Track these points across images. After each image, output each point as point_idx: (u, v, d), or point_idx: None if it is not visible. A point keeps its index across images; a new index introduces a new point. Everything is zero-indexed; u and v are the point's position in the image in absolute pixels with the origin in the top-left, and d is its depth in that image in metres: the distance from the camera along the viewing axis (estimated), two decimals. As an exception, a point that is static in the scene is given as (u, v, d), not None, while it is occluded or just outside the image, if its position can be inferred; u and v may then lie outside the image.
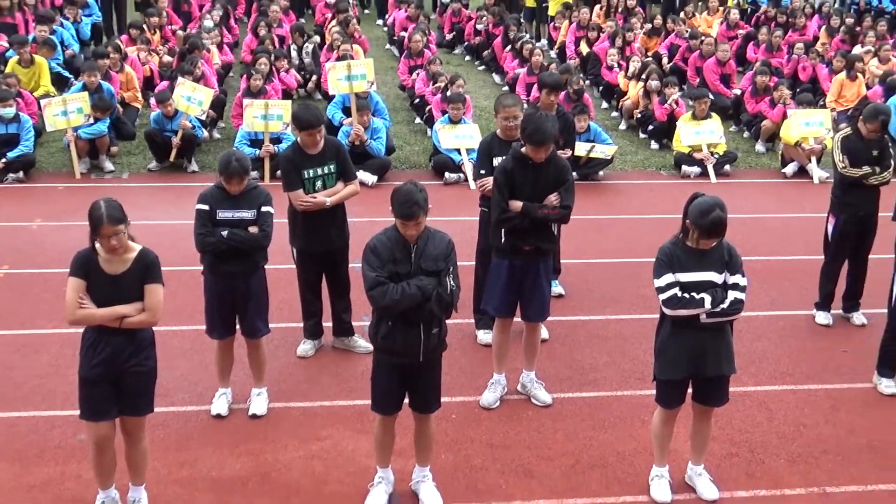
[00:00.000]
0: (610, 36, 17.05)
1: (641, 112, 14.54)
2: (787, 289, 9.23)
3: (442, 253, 5.66)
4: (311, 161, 7.36)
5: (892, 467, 6.63)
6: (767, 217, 11.35)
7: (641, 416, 6.72)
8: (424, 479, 6.08)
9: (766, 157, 13.88)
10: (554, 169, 6.86)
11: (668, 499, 6.12)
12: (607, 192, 11.98)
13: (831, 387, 7.69)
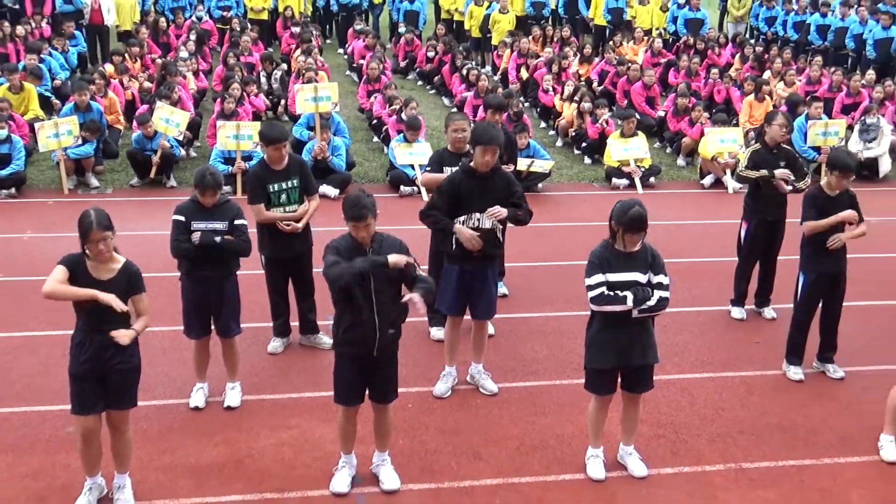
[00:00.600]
0: (546, 63, 17.13)
1: (575, 131, 14.66)
2: (706, 287, 9.35)
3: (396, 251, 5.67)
4: (276, 176, 7.35)
5: (800, 445, 6.76)
6: (688, 223, 11.49)
7: (578, 402, 6.74)
8: (384, 463, 6.10)
9: (686, 171, 14.05)
10: (500, 181, 6.88)
11: (603, 476, 6.19)
12: (546, 202, 12.05)
13: (745, 374, 7.81)
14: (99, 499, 5.80)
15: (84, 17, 19.34)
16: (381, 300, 5.63)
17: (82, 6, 19.23)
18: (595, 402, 6.19)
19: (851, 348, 7.88)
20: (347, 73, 19.92)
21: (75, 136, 12.20)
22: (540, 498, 6.06)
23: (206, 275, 6.76)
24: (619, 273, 5.81)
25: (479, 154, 6.70)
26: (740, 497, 6.13)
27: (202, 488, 6.04)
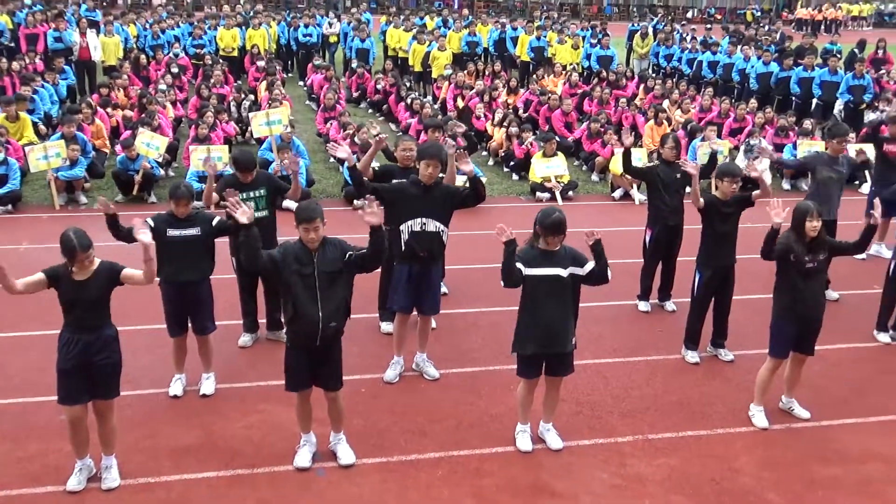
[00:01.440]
0: (479, 93, 17.19)
1: (504, 151, 14.74)
2: (617, 285, 9.30)
3: (339, 255, 5.72)
4: (244, 187, 7.35)
5: (697, 418, 6.90)
6: (601, 230, 11.58)
7: (509, 385, 6.81)
8: (339, 442, 6.12)
9: (599, 185, 14.20)
10: (439, 192, 6.96)
11: (530, 447, 6.27)
12: (479, 212, 12.06)
13: (650, 358, 7.94)
14: (88, 478, 5.73)
15: (73, 54, 19.05)
16: (325, 296, 5.62)
17: (72, 44, 18.97)
18: (523, 385, 6.25)
19: (739, 335, 8.07)
20: (307, 103, 19.84)
21: (63, 158, 12.00)
22: (477, 468, 6.09)
23: (183, 280, 6.68)
24: (539, 268, 5.90)
25: (423, 167, 6.82)
26: (647, 463, 6.23)
27: (180, 467, 5.98)
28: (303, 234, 5.61)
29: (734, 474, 6.14)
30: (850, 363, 7.90)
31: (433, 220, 6.91)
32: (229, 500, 5.68)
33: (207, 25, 22.86)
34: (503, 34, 23.49)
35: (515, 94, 18.07)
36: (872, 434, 6.76)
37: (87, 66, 19.43)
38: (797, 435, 6.71)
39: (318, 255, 5.64)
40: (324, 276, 5.62)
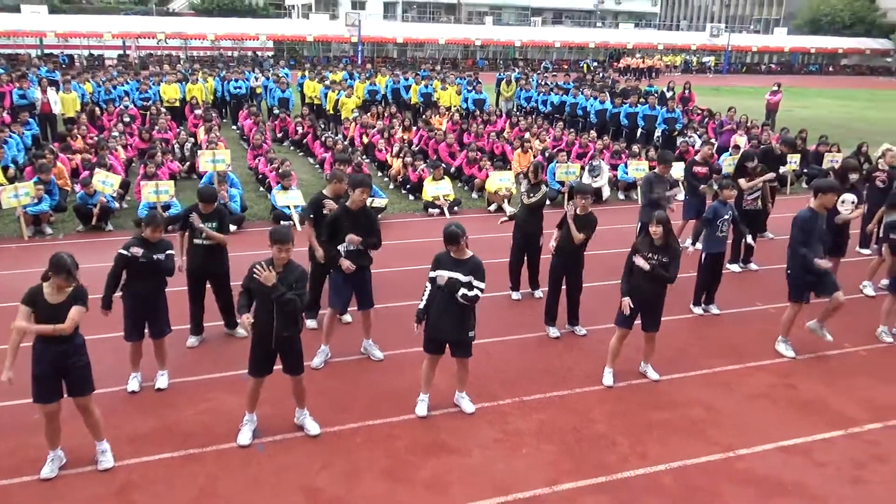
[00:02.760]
0: (380, 131, 17.10)
1: (402, 177, 14.63)
2: (495, 279, 9.43)
3: (296, 278, 5.58)
4: (203, 217, 7.19)
5: (559, 381, 6.96)
6: (481, 237, 11.64)
7: (417, 364, 6.65)
8: (305, 417, 6.00)
9: (478, 201, 14.24)
10: (365, 218, 6.92)
11: (425, 413, 6.25)
12: (385, 227, 11.97)
13: (522, 336, 7.98)
14: (60, 466, 5.40)
15: (36, 109, 18.04)
16: (280, 311, 5.51)
17: (34, 100, 17.95)
18: (427, 361, 6.22)
19: (591, 314, 8.17)
20: (240, 143, 19.25)
21: (31, 197, 11.30)
22: (388, 433, 6.00)
23: (140, 292, 6.39)
24: (448, 271, 5.89)
25: (359, 194, 6.75)
26: (523, 419, 6.26)
27: (140, 451, 5.68)
28: (276, 252, 5.52)
29: (590, 423, 6.23)
30: (674, 331, 8.07)
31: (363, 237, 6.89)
32: (183, 476, 5.42)
33: (152, 81, 22.22)
34: (397, 84, 23.51)
35: (409, 131, 18.00)
36: (694, 385, 6.96)
37: (49, 119, 18.40)
38: (637, 389, 6.86)
39: (281, 276, 5.51)
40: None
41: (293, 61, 49.89)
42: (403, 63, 52.26)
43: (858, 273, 9.74)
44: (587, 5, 73.35)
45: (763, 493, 5.36)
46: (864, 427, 6.27)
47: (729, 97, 33.59)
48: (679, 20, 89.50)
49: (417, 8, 67.68)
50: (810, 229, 7.25)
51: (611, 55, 61.18)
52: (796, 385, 7.01)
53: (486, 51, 61.18)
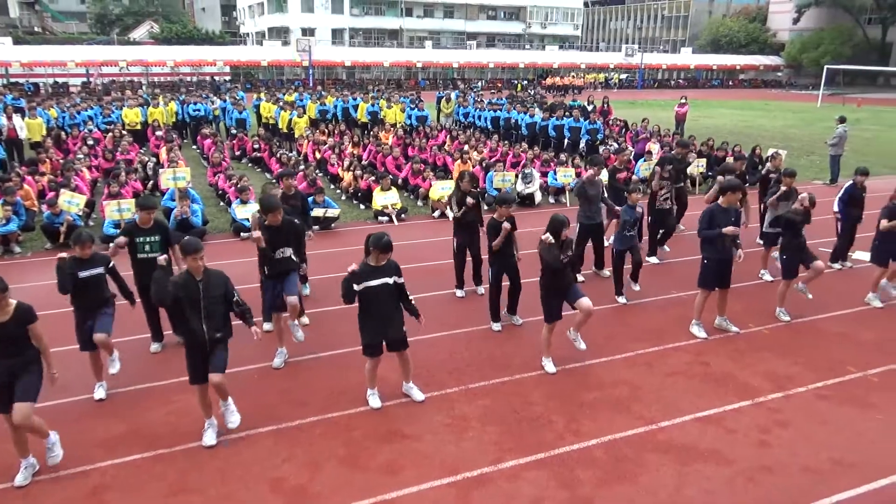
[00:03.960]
0: (331, 147, 16.93)
1: (352, 189, 14.51)
2: (437, 279, 9.48)
3: (221, 284, 5.44)
4: (143, 232, 6.92)
5: (501, 369, 6.96)
6: (426, 241, 11.67)
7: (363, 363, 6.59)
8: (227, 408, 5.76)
9: (423, 208, 14.21)
10: (288, 228, 6.81)
11: (379, 405, 6.18)
12: (338, 236, 11.89)
13: (468, 329, 7.98)
14: (34, 474, 5.17)
15: (2, 134, 17.27)
16: (208, 314, 5.36)
17: (1, 126, 17.18)
18: (369, 362, 6.15)
19: (529, 307, 8.18)
20: (200, 161, 18.79)
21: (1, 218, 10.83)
22: (347, 424, 5.92)
23: (87, 308, 6.13)
24: (374, 280, 5.84)
25: (271, 217, 6.69)
26: (469, 405, 6.25)
27: (111, 453, 5.48)
28: (191, 263, 5.33)
29: (529, 406, 6.26)
30: (599, 319, 8.16)
31: (287, 247, 6.79)
32: (153, 475, 5.25)
33: (115, 106, 21.58)
34: (347, 103, 23.32)
35: (358, 146, 17.87)
36: (620, 367, 7.07)
37: (15, 144, 17.62)
38: (570, 373, 6.93)
39: (203, 283, 5.36)
40: (208, 300, 5.38)
41: (249, 85, 49.03)
42: (352, 84, 51.91)
43: (759, 262, 10.08)
44: (517, 30, 74.19)
45: (682, 459, 5.48)
46: (767, 397, 6.48)
47: (643, 109, 34.40)
48: (598, 42, 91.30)
49: (363, 34, 67.29)
50: (720, 222, 7.46)
51: (539, 74, 61.97)
52: (709, 362, 7.20)
53: (427, 72, 61.24)
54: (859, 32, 61.22)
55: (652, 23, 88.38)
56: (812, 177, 17.68)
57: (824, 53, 58.14)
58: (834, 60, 53.81)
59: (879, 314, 8.61)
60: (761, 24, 71.73)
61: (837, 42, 59.45)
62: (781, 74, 69.00)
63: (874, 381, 6.81)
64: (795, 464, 5.43)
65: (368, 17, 67.12)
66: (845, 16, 61.07)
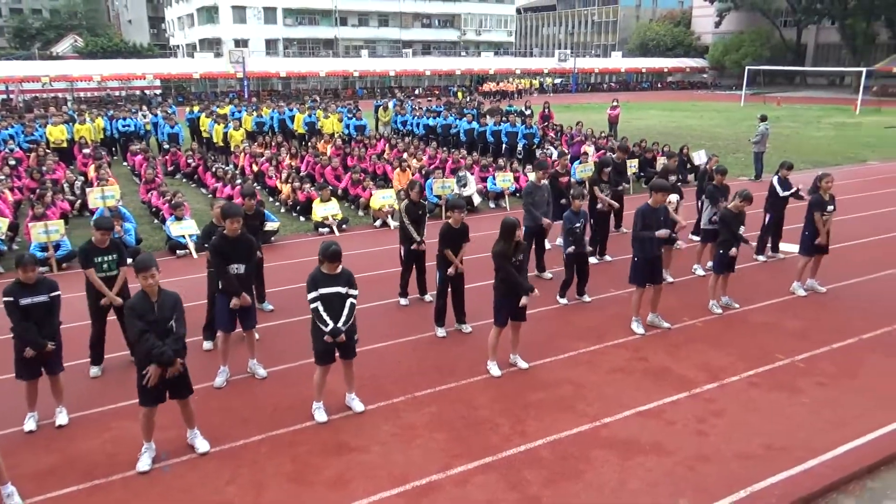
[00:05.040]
0: (268, 159, 16.69)
1: (291, 201, 14.33)
2: (381, 289, 9.45)
3: (173, 304, 5.28)
4: (100, 252, 6.78)
5: (447, 375, 6.99)
6: (369, 251, 11.63)
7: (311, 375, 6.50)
8: (196, 436, 5.66)
9: (364, 218, 14.14)
10: (245, 241, 6.69)
11: (325, 419, 6.11)
12: (279, 249, 11.71)
13: (413, 337, 7.97)
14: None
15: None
16: (162, 338, 5.22)
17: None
18: (319, 370, 6.09)
19: (473, 312, 8.23)
20: (132, 178, 18.22)
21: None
22: (292, 441, 5.83)
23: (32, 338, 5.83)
24: (327, 288, 5.80)
25: (229, 223, 6.51)
26: (415, 413, 6.24)
27: (44, 487, 5.24)
28: (143, 281, 5.19)
29: (476, 410, 6.30)
30: (542, 320, 8.34)
31: (242, 263, 6.66)
32: (90, 506, 5.06)
33: (38, 124, 20.67)
34: (283, 115, 23.02)
35: (296, 158, 17.67)
36: (563, 366, 7.19)
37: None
38: (515, 375, 7.01)
39: (158, 303, 5.22)
40: (163, 321, 5.24)
41: (181, 98, 47.81)
42: (288, 95, 51.26)
43: (693, 257, 10.44)
44: (452, 37, 74.77)
45: (625, 454, 5.62)
46: (703, 388, 6.71)
47: (577, 113, 35.17)
48: (532, 48, 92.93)
49: (298, 44, 66.57)
50: (650, 221, 7.71)
51: (475, 80, 62.59)
52: (647, 357, 7.41)
53: (364, 81, 60.99)
54: (776, 35, 64.24)
55: (583, 28, 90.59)
56: (738, 173, 18.41)
57: (745, 55, 60.78)
58: (754, 62, 56.31)
59: (803, 303, 9.04)
60: (686, 28, 74.47)
61: (757, 44, 62.26)
62: (706, 76, 71.72)
63: (800, 367, 7.14)
64: (730, 450, 5.64)
65: (302, 27, 66.45)
66: (763, 19, 63.98)
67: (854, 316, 8.51)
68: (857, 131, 30.04)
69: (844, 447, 5.64)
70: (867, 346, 7.67)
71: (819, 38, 64.93)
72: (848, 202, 13.27)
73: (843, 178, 17.90)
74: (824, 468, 5.38)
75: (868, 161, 21.87)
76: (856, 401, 6.42)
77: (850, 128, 31.42)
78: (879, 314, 8.53)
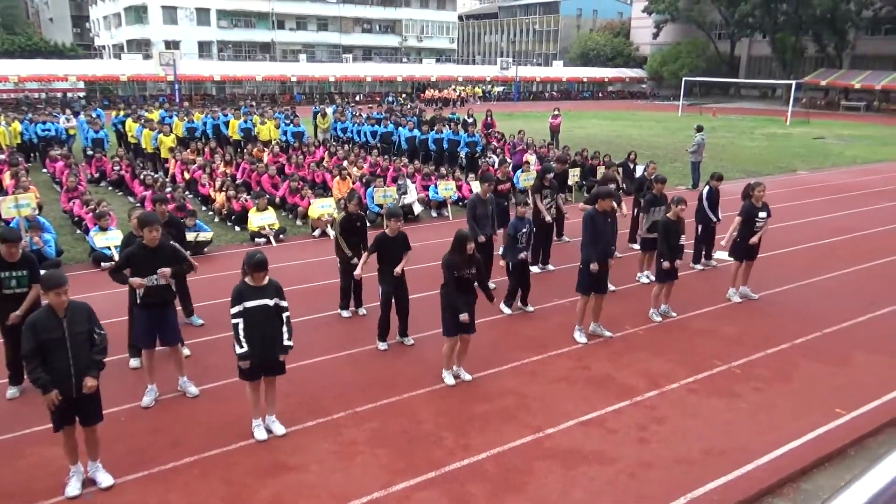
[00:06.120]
0: (201, 167, 16.29)
1: (226, 210, 14.02)
2: (320, 301, 9.33)
3: (86, 317, 5.07)
4: (9, 266, 6.40)
5: (389, 389, 6.92)
6: (306, 262, 11.48)
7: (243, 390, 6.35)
8: (98, 469, 5.37)
9: (303, 227, 13.96)
10: (166, 251, 6.54)
11: (265, 437, 5.96)
12: (211, 260, 11.41)
13: (353, 351, 7.89)
14: None
15: None
16: (76, 353, 4.98)
17: None
18: (249, 386, 5.95)
19: (415, 323, 8.20)
20: (52, 186, 17.47)
21: None
22: (226, 461, 5.67)
23: None
24: (253, 301, 5.69)
25: (147, 233, 6.36)
26: (356, 429, 6.17)
27: (-50, 521, 4.93)
28: (54, 298, 4.93)
29: (419, 424, 6.27)
30: (487, 330, 8.33)
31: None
32: (3, 539, 4.79)
33: (-55, 129, 19.54)
34: (217, 120, 22.54)
35: (230, 165, 17.30)
36: (506, 377, 7.25)
37: None
38: (458, 387, 7.01)
39: (67, 319, 4.97)
40: (74, 337, 4.98)
41: (107, 101, 46.20)
42: (222, 100, 50.23)
43: (636, 266, 10.72)
44: (393, 43, 74.89)
45: (568, 463, 5.69)
46: (644, 395, 6.88)
47: (520, 121, 35.72)
48: (474, 55, 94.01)
49: (233, 47, 65.35)
50: (598, 227, 7.87)
51: (416, 87, 62.80)
52: (590, 366, 7.55)
53: (303, 86, 60.39)
54: (711, 47, 66.91)
55: (525, 36, 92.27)
56: (676, 182, 19.04)
57: (682, 66, 63.05)
58: (691, 73, 58.49)
59: (739, 309, 9.40)
60: (625, 39, 76.76)
61: (693, 56, 64.68)
62: (645, 86, 74.04)
63: (737, 373, 7.41)
64: (671, 457, 5.79)
65: (237, 30, 65.33)
66: (699, 31, 66.55)
67: (786, 321, 8.90)
68: (788, 142, 31.54)
69: (779, 450, 5.87)
70: (799, 350, 8.03)
71: (751, 51, 67.98)
72: (779, 211, 13.89)
73: (775, 188, 18.76)
74: (760, 472, 5.58)
75: (798, 171, 22.99)
76: (790, 404, 6.71)
77: (780, 138, 32.97)
78: (810, 320, 8.95)
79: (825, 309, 9.40)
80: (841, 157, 26.37)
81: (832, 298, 9.86)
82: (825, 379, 7.30)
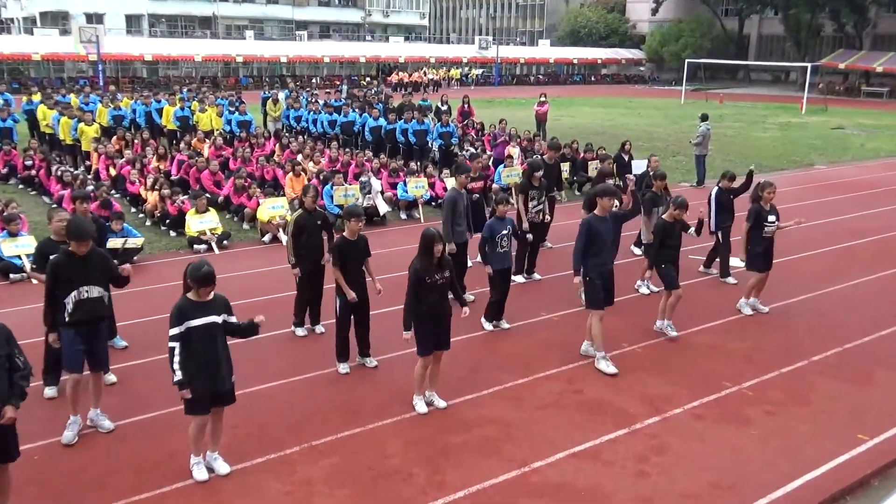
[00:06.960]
0: (130, 161, 16.14)
1: (160, 212, 13.90)
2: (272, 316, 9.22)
3: (6, 337, 5.03)
4: None
5: (352, 418, 6.90)
6: (256, 271, 11.42)
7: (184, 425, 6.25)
8: None
9: (250, 232, 13.88)
10: (97, 258, 6.48)
11: (206, 477, 5.92)
12: (142, 270, 11.28)
13: (310, 375, 7.89)
14: None
15: None
16: None
17: None
18: (195, 421, 5.89)
19: (380, 342, 8.19)
20: (-49, 184, 17.18)
21: None
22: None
23: None
24: (198, 319, 5.65)
25: (76, 245, 6.27)
26: (313, 466, 6.14)
27: None
28: None
29: (386, 459, 6.26)
30: (464, 349, 8.37)
31: (95, 286, 6.39)
32: None
33: None
34: (149, 107, 22.35)
35: (165, 159, 17.15)
36: (487, 403, 7.27)
37: None
38: (431, 415, 7.00)
39: None
40: None
41: (16, 84, 45.46)
42: (155, 83, 49.78)
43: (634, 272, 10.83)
44: (355, 18, 74.89)
45: (558, 501, 5.74)
46: (643, 422, 6.96)
47: (501, 109, 35.98)
48: (449, 33, 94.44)
49: (167, 21, 64.83)
50: (597, 233, 7.90)
51: (382, 69, 62.88)
52: (582, 389, 7.62)
53: (250, 67, 60.10)
54: (717, 25, 68.14)
55: (506, 12, 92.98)
56: (679, 179, 19.32)
57: (685, 46, 64.10)
58: (694, 54, 59.51)
59: (749, 322, 9.57)
60: (620, 15, 77.78)
61: (697, 34, 65.81)
62: (644, 69, 75.08)
63: (748, 395, 7.54)
64: (674, 492, 5.87)
65: (172, 2, 64.78)
66: (703, 7, 67.75)
67: (802, 336, 9.08)
68: (803, 132, 32.22)
69: (795, 482, 5.99)
70: (817, 368, 8.19)
71: (762, 30, 69.37)
72: (793, 210, 14.17)
73: (790, 184, 19.14)
74: (775, 507, 5.69)
75: (815, 165, 23.48)
76: (807, 430, 6.84)
77: (795, 128, 33.68)
78: (828, 334, 9.14)
79: (845, 321, 9.60)
80: (862, 150, 27.01)
81: (852, 309, 10.09)
82: (845, 400, 7.46)
